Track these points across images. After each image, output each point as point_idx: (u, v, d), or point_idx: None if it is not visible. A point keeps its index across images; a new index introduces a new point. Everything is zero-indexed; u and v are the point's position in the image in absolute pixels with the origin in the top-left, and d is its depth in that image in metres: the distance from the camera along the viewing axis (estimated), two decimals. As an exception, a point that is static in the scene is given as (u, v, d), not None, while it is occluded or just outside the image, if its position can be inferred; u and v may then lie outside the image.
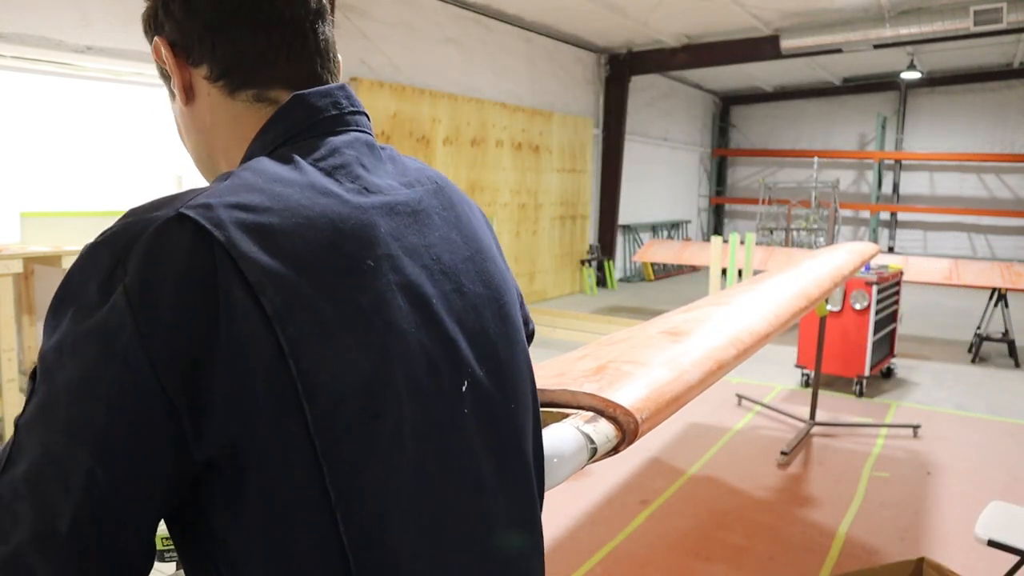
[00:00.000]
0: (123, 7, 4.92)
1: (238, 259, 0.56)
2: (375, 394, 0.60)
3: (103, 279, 0.55)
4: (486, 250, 0.78)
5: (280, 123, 0.70)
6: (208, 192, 0.59)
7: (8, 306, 3.92)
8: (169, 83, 0.78)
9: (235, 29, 0.70)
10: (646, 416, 1.10)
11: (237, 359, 0.55)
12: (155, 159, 5.17)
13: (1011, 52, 11.24)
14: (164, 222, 0.56)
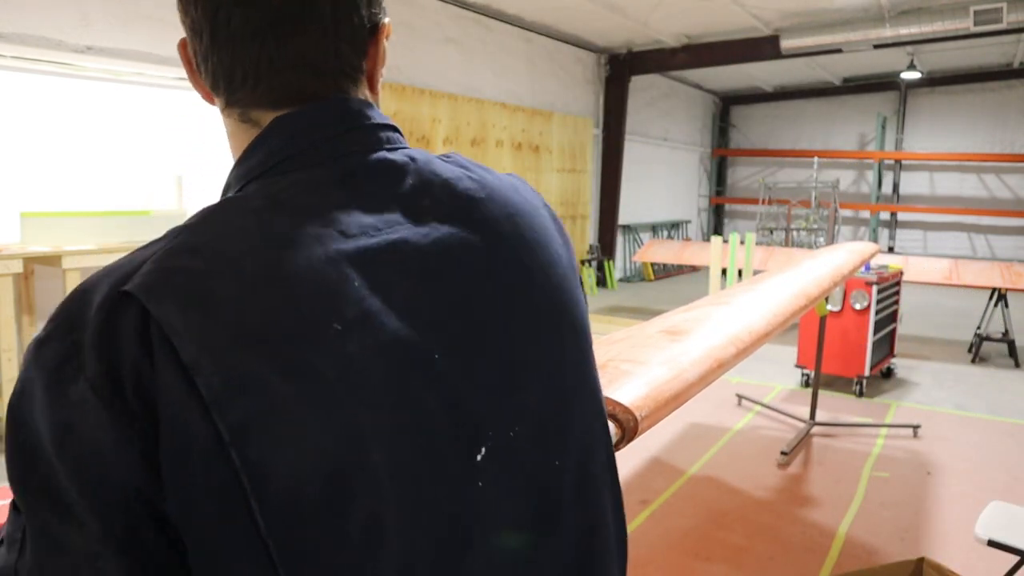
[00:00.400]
0: (123, 7, 4.92)
1: (171, 336, 0.48)
2: (343, 482, 0.50)
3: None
4: (556, 288, 0.65)
5: (255, 154, 0.62)
6: (155, 256, 0.52)
7: (8, 306, 3.92)
8: None
9: (205, 43, 0.62)
10: (645, 414, 1.11)
11: (175, 453, 0.47)
12: (155, 159, 5.17)
13: (1011, 52, 11.25)
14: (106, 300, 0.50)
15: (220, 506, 0.47)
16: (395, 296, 0.55)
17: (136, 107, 5.04)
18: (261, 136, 0.62)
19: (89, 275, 0.54)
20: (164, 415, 0.48)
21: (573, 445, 0.64)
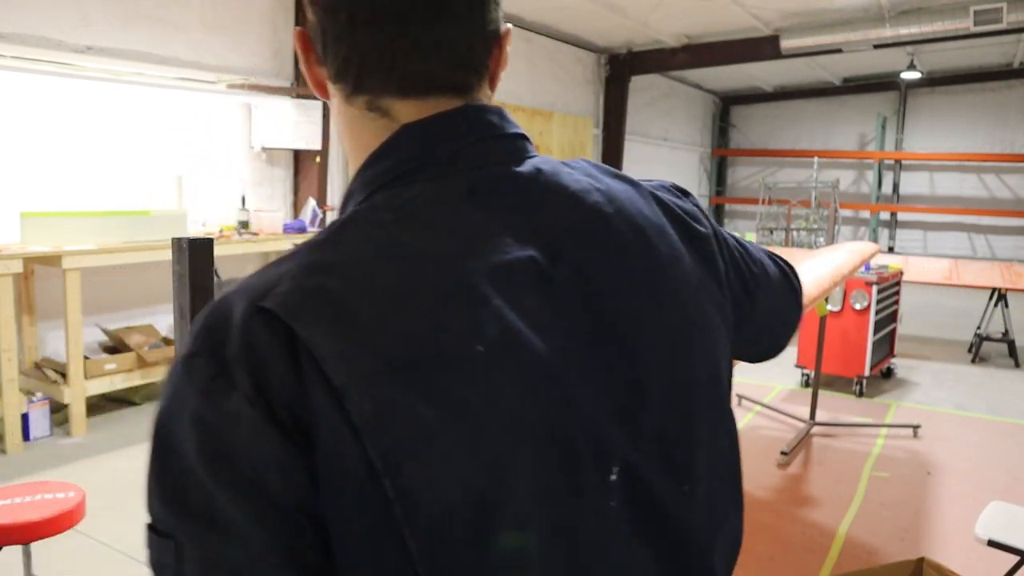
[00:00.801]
0: (123, 7, 4.92)
1: (321, 360, 0.48)
2: (490, 507, 0.50)
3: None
4: (683, 304, 0.64)
5: (382, 160, 0.60)
6: (290, 273, 0.52)
7: (8, 306, 3.92)
8: None
9: (342, 24, 0.60)
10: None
11: (330, 474, 0.48)
12: (155, 159, 5.17)
13: (1011, 52, 11.24)
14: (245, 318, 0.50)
15: (370, 530, 0.48)
16: (529, 316, 0.54)
17: (136, 107, 5.04)
18: (391, 142, 0.60)
19: (223, 290, 0.54)
20: (318, 436, 0.47)
21: (700, 471, 0.64)
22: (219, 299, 0.53)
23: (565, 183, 0.62)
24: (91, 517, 3.00)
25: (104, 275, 4.85)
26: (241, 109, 5.72)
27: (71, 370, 4.22)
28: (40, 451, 4.06)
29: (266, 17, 5.85)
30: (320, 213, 6.02)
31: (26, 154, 4.50)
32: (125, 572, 2.86)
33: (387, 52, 0.59)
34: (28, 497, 2.15)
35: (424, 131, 0.60)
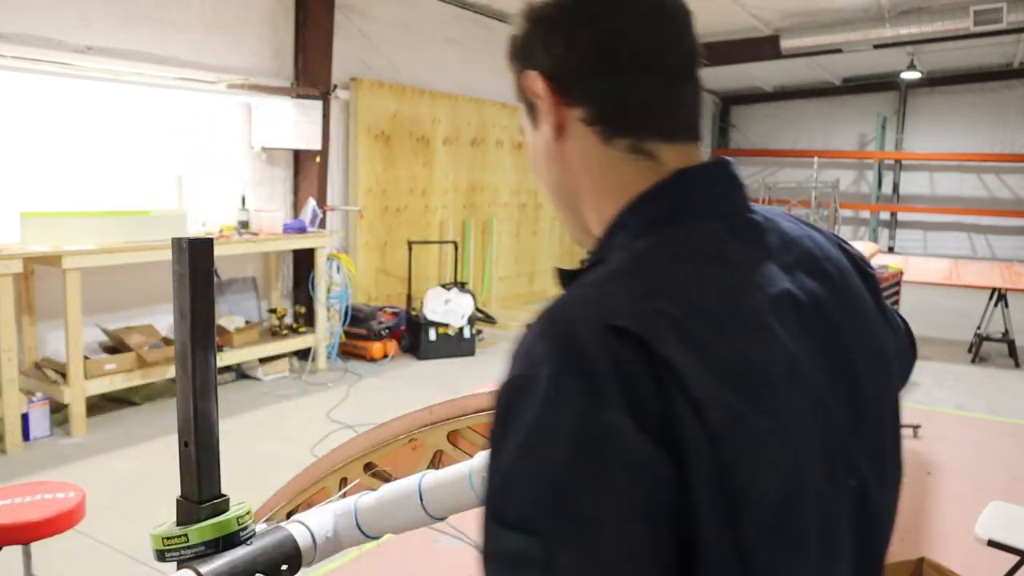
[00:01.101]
0: (123, 7, 4.92)
1: (683, 374, 0.54)
2: (790, 509, 0.58)
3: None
4: (873, 333, 0.74)
5: (657, 201, 0.67)
6: (625, 298, 0.58)
7: (8, 306, 3.92)
8: (531, 112, 0.75)
9: (618, 73, 0.68)
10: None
11: (691, 477, 0.54)
12: (155, 159, 5.17)
13: (1011, 52, 11.24)
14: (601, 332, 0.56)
15: (713, 526, 0.54)
16: (796, 342, 0.62)
17: (136, 107, 5.04)
18: (670, 183, 0.68)
19: (550, 310, 0.61)
20: (684, 445, 0.53)
21: (891, 479, 0.76)
22: (560, 316, 0.60)
23: (786, 229, 0.72)
24: (91, 517, 3.00)
25: (104, 275, 4.85)
26: (241, 109, 5.72)
27: (71, 370, 4.22)
28: (40, 451, 4.06)
29: (266, 17, 5.85)
30: (320, 213, 6.02)
31: (26, 154, 4.50)
32: (125, 572, 2.86)
33: (658, 100, 0.69)
34: (28, 497, 2.15)
35: (697, 177, 0.69)
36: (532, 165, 0.79)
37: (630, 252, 0.65)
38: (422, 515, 0.93)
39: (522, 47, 0.74)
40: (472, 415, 1.16)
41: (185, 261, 0.82)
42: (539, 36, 0.72)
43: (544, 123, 0.72)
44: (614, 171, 0.70)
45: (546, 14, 0.72)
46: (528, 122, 0.76)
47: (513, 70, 0.76)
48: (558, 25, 0.71)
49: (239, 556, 0.85)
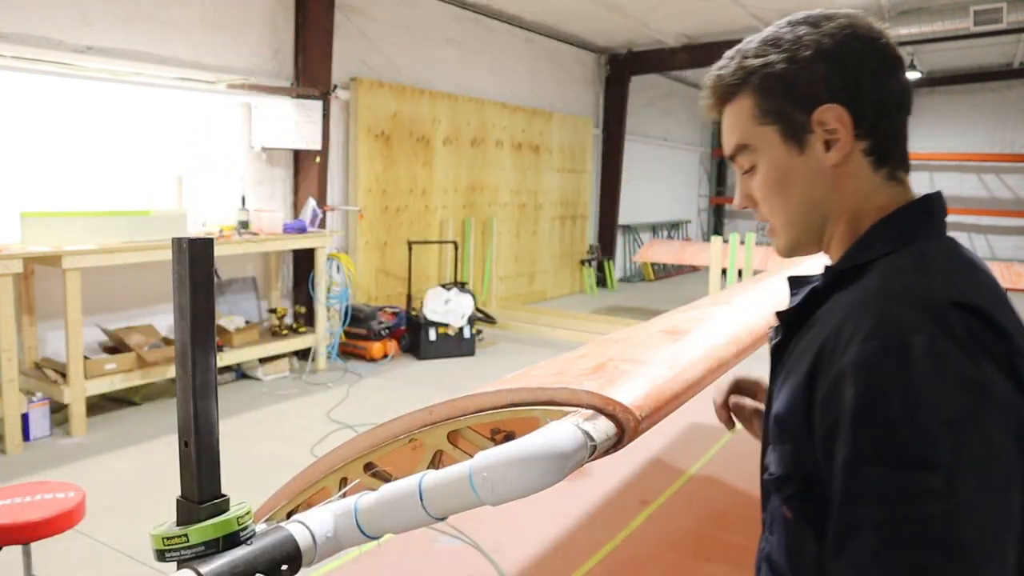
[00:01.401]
0: (123, 7, 4.92)
1: (1017, 339, 0.74)
2: None
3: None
4: None
5: (908, 218, 0.87)
6: (927, 283, 0.77)
7: (8, 306, 3.92)
8: (792, 137, 0.88)
9: (892, 113, 0.87)
10: (645, 413, 1.11)
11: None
12: (155, 159, 5.17)
13: (1011, 52, 11.24)
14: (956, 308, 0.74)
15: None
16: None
17: (136, 107, 5.04)
18: (921, 204, 0.88)
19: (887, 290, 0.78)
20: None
21: None
22: (908, 294, 0.76)
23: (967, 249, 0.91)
24: (91, 517, 3.00)
25: (104, 275, 4.85)
26: (241, 109, 5.72)
27: (71, 370, 4.22)
28: (40, 451, 4.06)
29: (266, 17, 5.85)
30: (320, 213, 6.02)
31: (26, 154, 4.50)
32: (125, 572, 2.86)
33: (904, 136, 0.89)
34: (28, 497, 2.15)
35: (935, 201, 0.89)
36: (772, 184, 0.92)
37: (911, 254, 0.83)
38: (422, 515, 0.93)
39: (805, 79, 0.87)
40: (472, 415, 1.16)
41: (185, 261, 0.82)
42: (835, 74, 0.86)
43: (828, 149, 0.87)
44: (876, 194, 0.88)
45: (840, 56, 0.86)
46: (783, 146, 0.89)
47: (776, 94, 0.89)
48: (857, 67, 0.86)
49: (239, 556, 0.85)
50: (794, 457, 0.83)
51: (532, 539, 3.16)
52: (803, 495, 0.83)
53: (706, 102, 1.01)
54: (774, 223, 0.97)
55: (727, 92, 0.95)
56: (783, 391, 0.88)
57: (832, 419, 0.75)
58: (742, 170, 0.97)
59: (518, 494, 0.89)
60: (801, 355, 0.85)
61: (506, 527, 3.23)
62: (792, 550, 0.88)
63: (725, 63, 0.96)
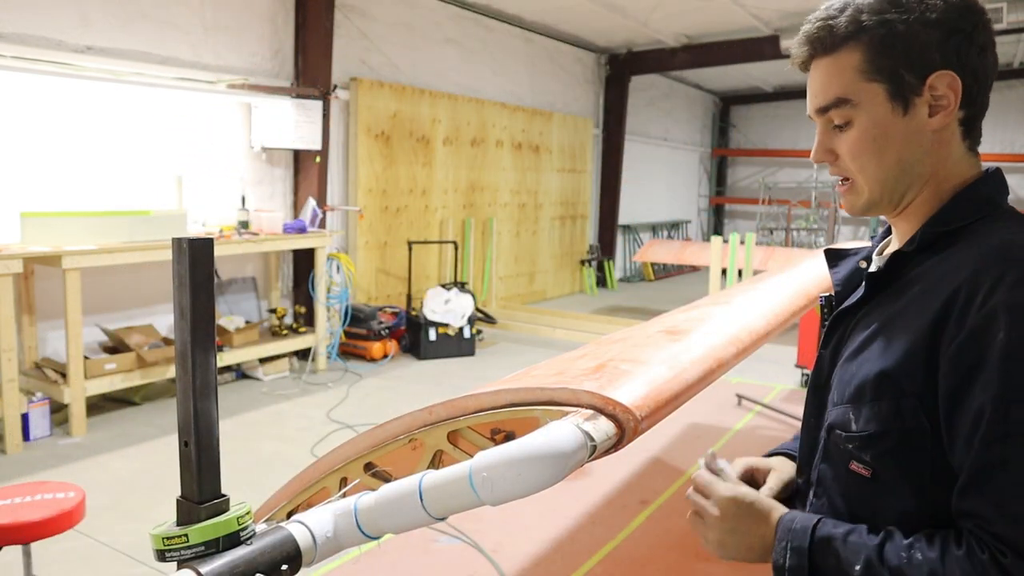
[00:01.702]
0: (123, 7, 4.92)
1: None
2: None
3: None
4: None
5: (993, 185, 0.93)
6: None
7: (8, 306, 3.92)
8: (899, 97, 0.90)
9: (986, 91, 0.91)
10: (645, 413, 1.10)
11: None
12: (155, 159, 5.17)
13: (1011, 52, 11.25)
14: None
15: None
16: None
17: (136, 107, 5.04)
18: (993, 176, 0.94)
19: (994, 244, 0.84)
20: None
21: None
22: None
23: None
24: (91, 517, 3.00)
25: (104, 275, 4.85)
26: (241, 109, 5.72)
27: (71, 370, 4.22)
28: (40, 451, 4.06)
29: (266, 17, 5.85)
30: (320, 213, 6.02)
31: (26, 154, 4.50)
32: (125, 572, 2.86)
33: (985, 112, 0.94)
34: (28, 497, 2.15)
35: (1002, 174, 0.96)
36: (868, 141, 0.92)
37: (1012, 217, 0.90)
38: (422, 515, 0.93)
39: (923, 42, 0.88)
40: (472, 415, 1.16)
41: (185, 261, 0.82)
42: (951, 41, 0.88)
43: (931, 114, 0.90)
44: (960, 164, 0.93)
45: (958, 25, 0.88)
46: (888, 105, 0.91)
47: (892, 52, 0.89)
48: (971, 39, 0.88)
49: (239, 556, 0.85)
50: (896, 412, 0.86)
51: (532, 539, 3.16)
52: (898, 450, 0.87)
53: (800, 49, 0.98)
54: (857, 180, 0.96)
55: (834, 42, 0.93)
56: (874, 349, 0.90)
57: (973, 361, 0.79)
58: (832, 124, 0.96)
59: (518, 494, 0.89)
60: (905, 312, 0.88)
61: (506, 527, 3.23)
62: (872, 506, 0.90)
63: (834, 13, 0.93)
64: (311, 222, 5.90)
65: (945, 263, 0.88)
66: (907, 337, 0.87)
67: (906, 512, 0.88)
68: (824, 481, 0.99)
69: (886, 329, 0.91)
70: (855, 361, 0.94)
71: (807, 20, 0.97)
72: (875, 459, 0.90)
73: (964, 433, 0.80)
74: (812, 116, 1.00)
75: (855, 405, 0.92)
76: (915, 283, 0.90)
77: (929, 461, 0.86)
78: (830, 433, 0.97)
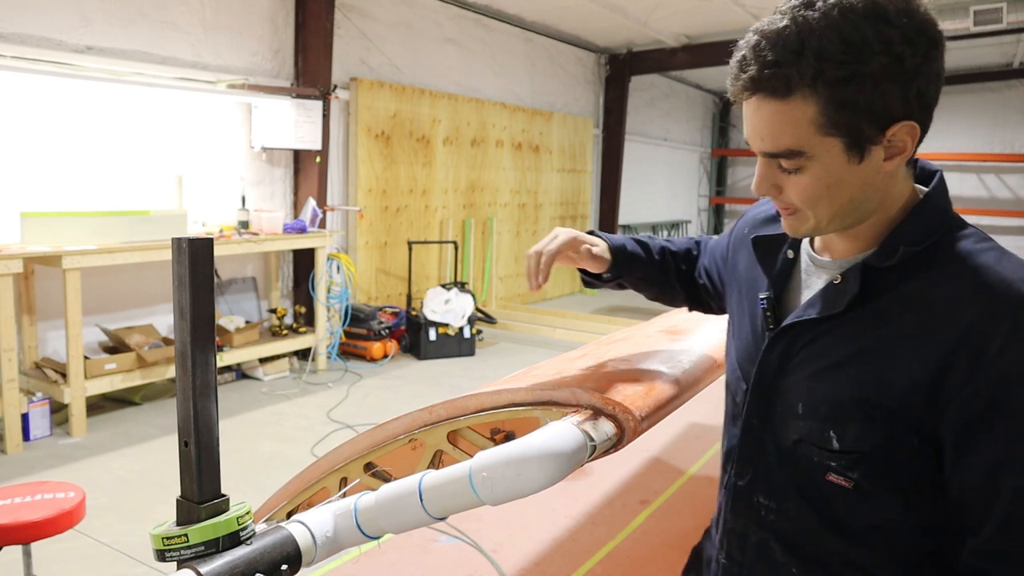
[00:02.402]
0: (123, 7, 4.92)
1: None
2: None
3: None
4: None
5: (940, 204, 0.93)
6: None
7: (8, 306, 3.92)
8: (856, 147, 0.86)
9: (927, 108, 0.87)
10: (645, 413, 1.11)
11: None
12: (155, 159, 5.17)
13: (1011, 52, 11.25)
14: None
15: None
16: None
17: (136, 107, 5.04)
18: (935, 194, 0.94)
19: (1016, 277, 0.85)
20: None
21: None
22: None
23: None
24: (91, 517, 3.00)
25: (104, 275, 4.85)
26: (241, 109, 5.72)
27: (71, 370, 4.22)
28: (40, 451, 4.06)
29: (266, 17, 5.85)
30: (320, 213, 6.02)
31: (26, 154, 4.50)
32: (125, 572, 2.86)
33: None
34: (28, 497, 2.15)
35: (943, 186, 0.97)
36: (821, 189, 0.90)
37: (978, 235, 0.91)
38: (422, 515, 0.93)
39: (885, 96, 0.83)
40: (472, 415, 1.16)
41: (185, 261, 0.82)
42: (914, 90, 0.84)
43: (887, 158, 0.88)
44: (905, 181, 0.94)
45: (921, 70, 0.84)
46: (843, 156, 0.87)
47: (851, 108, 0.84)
48: (932, 80, 0.85)
49: (239, 556, 0.85)
50: (888, 436, 0.88)
51: (532, 539, 3.16)
52: (885, 467, 0.89)
53: (740, 84, 0.89)
54: (804, 212, 0.94)
55: (787, 90, 0.85)
56: (860, 371, 0.90)
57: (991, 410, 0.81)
58: (779, 166, 0.94)
59: (518, 494, 0.89)
60: (899, 340, 0.88)
61: (506, 527, 3.23)
62: (852, 512, 0.92)
63: (787, 58, 0.83)
64: (311, 222, 5.90)
65: (935, 289, 0.87)
66: (907, 368, 0.86)
67: (889, 520, 0.91)
68: (785, 489, 0.99)
69: (875, 353, 0.89)
70: (831, 379, 0.93)
71: (745, 45, 0.88)
72: (861, 475, 0.91)
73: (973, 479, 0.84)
74: (754, 150, 0.97)
75: (836, 424, 0.91)
76: (900, 306, 0.89)
77: (917, 476, 0.88)
78: (797, 446, 0.96)
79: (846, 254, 0.98)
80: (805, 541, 0.97)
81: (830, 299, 0.95)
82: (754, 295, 1.08)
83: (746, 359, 1.06)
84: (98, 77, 4.68)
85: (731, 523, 1.06)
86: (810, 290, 1.01)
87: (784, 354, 0.99)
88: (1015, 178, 13.27)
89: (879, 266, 0.91)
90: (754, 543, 1.03)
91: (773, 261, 1.07)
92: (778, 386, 0.99)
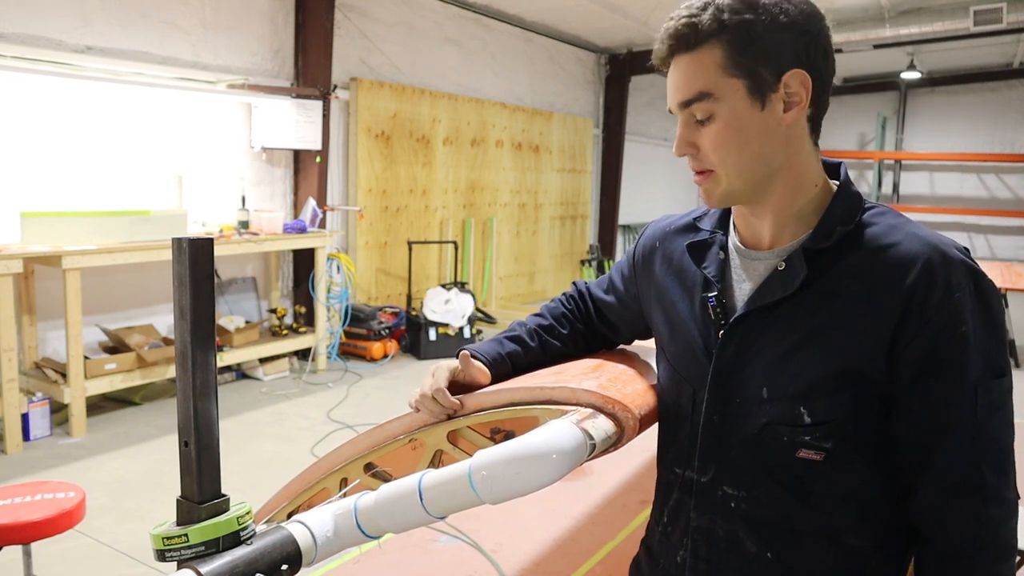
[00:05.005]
0: (123, 7, 4.92)
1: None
2: None
3: None
4: None
5: (853, 185, 1.04)
6: (932, 234, 0.96)
7: (8, 306, 3.92)
8: (756, 94, 0.96)
9: (829, 91, 0.99)
10: (645, 412, 1.11)
11: None
12: (155, 159, 5.17)
13: (1011, 52, 11.24)
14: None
15: None
16: None
17: (136, 107, 5.04)
18: (847, 176, 1.05)
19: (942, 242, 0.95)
20: None
21: None
22: (963, 253, 0.95)
23: None
24: (91, 517, 3.00)
25: (104, 275, 4.85)
26: (241, 109, 5.72)
27: (71, 370, 4.22)
28: (40, 451, 4.06)
29: (266, 17, 5.85)
30: (320, 213, 6.02)
31: (26, 154, 4.50)
32: (125, 572, 2.86)
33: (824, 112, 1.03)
34: (28, 497, 2.15)
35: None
36: (730, 134, 0.97)
37: (886, 210, 1.01)
38: (422, 514, 0.93)
39: (778, 42, 0.94)
40: (472, 415, 1.17)
41: (185, 261, 0.82)
42: (803, 43, 0.95)
43: (786, 110, 0.96)
44: (811, 157, 1.02)
45: (809, 28, 0.95)
46: (747, 100, 0.96)
47: (751, 50, 0.95)
48: (816, 41, 0.96)
49: (239, 556, 0.85)
50: (858, 398, 0.96)
51: (532, 539, 3.16)
52: (855, 430, 0.97)
53: (663, 46, 1.06)
54: (717, 171, 1.00)
55: (697, 39, 0.99)
56: (824, 347, 0.97)
57: (949, 350, 0.92)
58: (695, 119, 1.01)
59: (517, 493, 0.89)
60: (853, 311, 0.95)
61: (506, 527, 3.23)
62: (825, 484, 0.99)
63: (696, 12, 0.99)
64: (311, 222, 5.90)
65: (875, 257, 0.96)
66: (866, 331, 0.94)
67: (862, 483, 0.99)
68: (755, 475, 1.02)
69: (833, 326, 0.96)
70: (795, 359, 0.99)
71: (670, 18, 1.05)
72: (834, 444, 0.97)
73: (941, 401, 0.93)
74: (674, 110, 1.05)
75: (805, 400, 0.98)
76: (846, 279, 0.97)
77: (881, 434, 0.97)
78: (764, 430, 1.00)
79: (776, 244, 1.04)
80: (779, 522, 1.01)
81: (779, 284, 1.01)
82: (687, 302, 1.13)
83: (690, 362, 1.10)
84: (98, 77, 4.68)
85: (696, 521, 1.08)
86: (749, 283, 1.06)
87: (740, 345, 1.03)
88: (1015, 178, 13.26)
89: (816, 248, 0.99)
90: (721, 536, 1.05)
91: (709, 265, 1.12)
92: (738, 378, 1.03)
